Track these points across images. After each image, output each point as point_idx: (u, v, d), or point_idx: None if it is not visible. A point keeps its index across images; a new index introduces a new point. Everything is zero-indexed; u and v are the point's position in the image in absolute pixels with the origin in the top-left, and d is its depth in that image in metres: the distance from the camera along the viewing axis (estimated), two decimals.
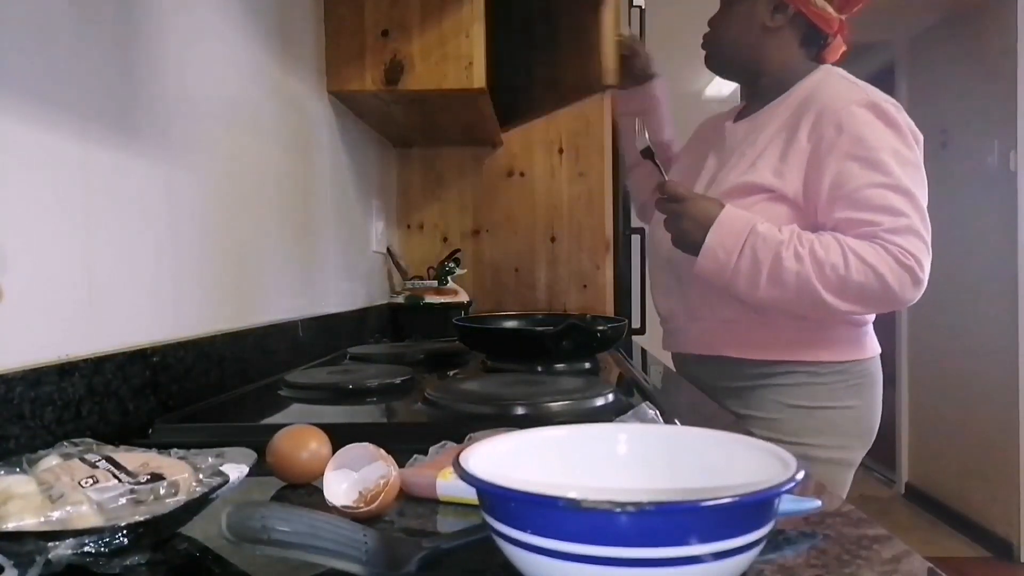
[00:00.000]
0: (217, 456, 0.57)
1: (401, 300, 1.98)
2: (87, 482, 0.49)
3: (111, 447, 0.59)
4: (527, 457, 0.50)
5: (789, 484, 0.39)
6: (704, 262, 1.17)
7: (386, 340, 1.85)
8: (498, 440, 0.50)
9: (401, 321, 1.98)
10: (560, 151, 2.28)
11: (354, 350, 1.45)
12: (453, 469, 0.43)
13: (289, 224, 1.38)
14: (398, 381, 1.04)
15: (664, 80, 1.59)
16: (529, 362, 1.22)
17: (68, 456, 0.54)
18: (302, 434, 0.65)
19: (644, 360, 1.67)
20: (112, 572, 0.45)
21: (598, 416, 0.85)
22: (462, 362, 1.37)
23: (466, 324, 1.37)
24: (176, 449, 0.58)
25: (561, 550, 0.37)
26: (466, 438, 0.66)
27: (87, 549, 0.44)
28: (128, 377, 0.81)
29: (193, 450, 0.58)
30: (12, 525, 0.45)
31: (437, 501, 0.60)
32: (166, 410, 0.88)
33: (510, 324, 1.50)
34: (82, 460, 0.53)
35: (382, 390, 1.03)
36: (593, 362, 1.26)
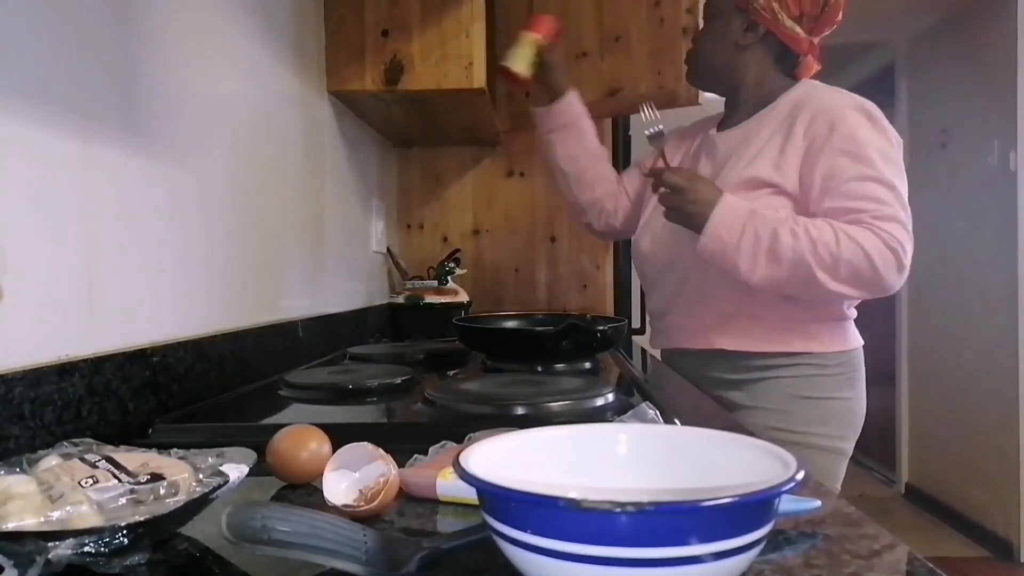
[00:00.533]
0: (217, 456, 0.57)
1: (401, 300, 1.98)
2: (87, 482, 0.49)
3: (111, 447, 0.59)
4: (527, 457, 0.50)
5: (789, 484, 0.39)
6: (708, 241, 1.22)
7: (386, 340, 1.85)
8: (498, 440, 0.50)
9: (401, 321, 1.98)
10: None
11: (354, 350, 1.45)
12: (453, 469, 0.43)
13: (289, 224, 1.38)
14: (398, 381, 1.04)
15: (576, 92, 1.54)
16: (529, 362, 1.22)
17: (68, 456, 0.54)
18: (302, 434, 0.65)
19: (644, 360, 1.67)
20: (112, 572, 0.45)
21: (598, 416, 0.85)
22: (462, 362, 1.37)
23: (466, 324, 1.37)
24: (176, 449, 0.58)
25: (561, 550, 0.37)
26: (466, 438, 0.66)
27: (87, 549, 0.44)
28: (128, 377, 0.81)
29: (193, 450, 0.58)
30: (12, 525, 0.45)
31: (437, 501, 0.60)
32: (166, 410, 0.88)
33: (510, 324, 1.50)
34: (82, 460, 0.53)
35: (382, 390, 1.03)
36: (593, 362, 1.26)
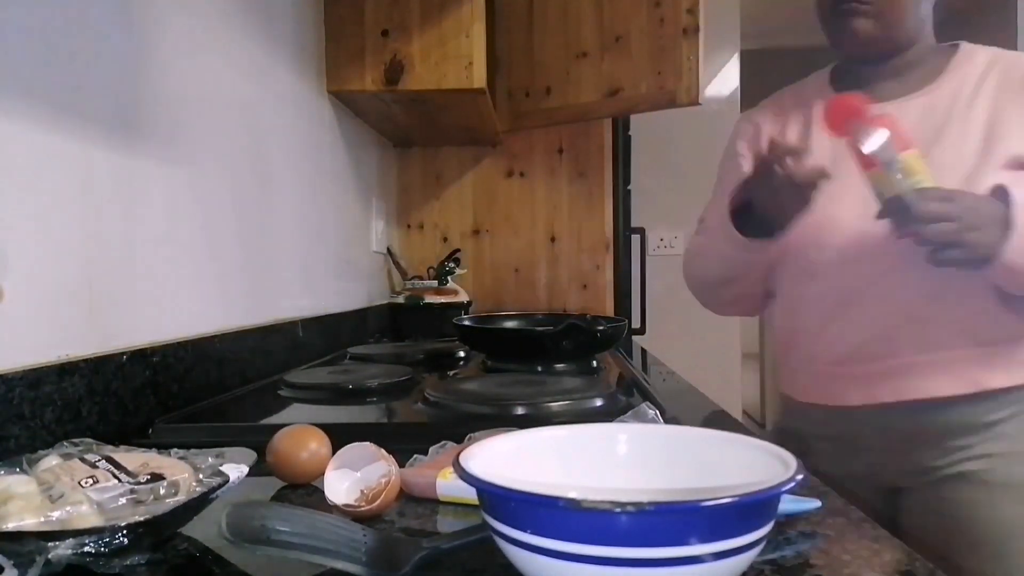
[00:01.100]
0: (217, 456, 0.57)
1: (401, 300, 1.98)
2: (87, 482, 0.49)
3: (111, 447, 0.59)
4: (527, 457, 0.50)
5: (789, 484, 0.39)
6: (1015, 256, 0.94)
7: (386, 340, 1.85)
8: (498, 440, 0.50)
9: (401, 321, 1.98)
10: (560, 151, 2.28)
11: (354, 350, 1.45)
12: (453, 469, 0.43)
13: (289, 224, 1.38)
14: (398, 381, 1.04)
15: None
16: (529, 362, 1.22)
17: (68, 456, 0.54)
18: (302, 434, 0.65)
19: (644, 360, 1.66)
20: (112, 572, 0.45)
21: (598, 416, 0.85)
22: (462, 362, 1.38)
23: (466, 324, 1.37)
24: (176, 449, 0.58)
25: (561, 550, 0.37)
26: (466, 438, 0.66)
27: (87, 549, 0.44)
28: (128, 377, 0.81)
29: (193, 450, 0.58)
30: (12, 525, 0.45)
31: (437, 501, 0.60)
32: (166, 410, 0.88)
33: (510, 324, 1.50)
34: (82, 460, 0.53)
35: (382, 390, 1.03)
36: (593, 362, 1.26)
